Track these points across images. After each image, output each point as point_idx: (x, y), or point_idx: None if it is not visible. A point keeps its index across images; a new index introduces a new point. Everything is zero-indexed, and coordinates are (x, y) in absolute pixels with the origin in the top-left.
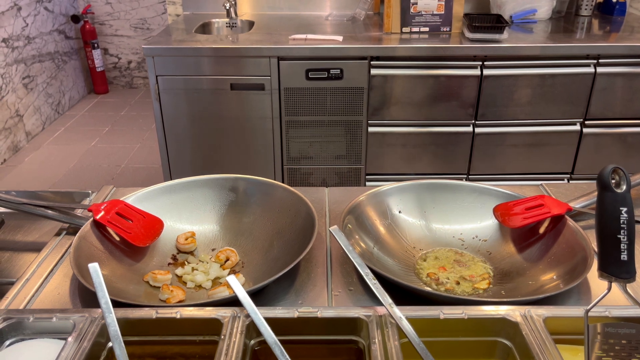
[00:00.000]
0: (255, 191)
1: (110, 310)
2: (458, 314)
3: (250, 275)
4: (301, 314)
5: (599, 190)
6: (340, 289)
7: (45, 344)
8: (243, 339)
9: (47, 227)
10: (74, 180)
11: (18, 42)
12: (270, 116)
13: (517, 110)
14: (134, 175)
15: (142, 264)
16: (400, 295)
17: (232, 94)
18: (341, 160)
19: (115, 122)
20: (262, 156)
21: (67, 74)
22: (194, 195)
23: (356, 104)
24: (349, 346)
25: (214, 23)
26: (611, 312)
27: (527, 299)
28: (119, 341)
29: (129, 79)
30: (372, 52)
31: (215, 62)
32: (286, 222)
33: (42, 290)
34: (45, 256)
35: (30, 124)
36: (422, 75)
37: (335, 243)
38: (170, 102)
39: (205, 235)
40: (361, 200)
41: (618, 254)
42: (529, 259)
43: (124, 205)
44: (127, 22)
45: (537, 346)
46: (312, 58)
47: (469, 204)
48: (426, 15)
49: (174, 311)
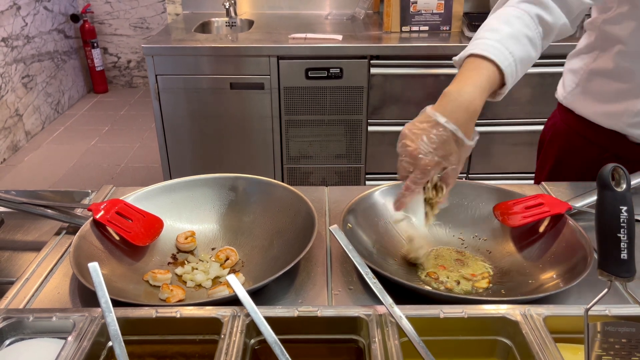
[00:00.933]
0: (255, 190)
1: (110, 309)
2: (458, 313)
3: (250, 274)
4: (301, 313)
5: (598, 189)
6: (340, 288)
7: (45, 343)
8: (243, 338)
9: (47, 226)
10: (74, 179)
11: (17, 41)
12: (270, 115)
13: (517, 109)
14: (133, 174)
15: (142, 263)
16: (400, 294)
17: (231, 93)
18: (341, 160)
19: (114, 122)
20: (261, 155)
21: (66, 74)
22: (194, 194)
23: (356, 103)
24: (349, 345)
25: (213, 22)
26: (611, 311)
27: (527, 298)
28: (119, 340)
29: (129, 78)
30: (371, 51)
31: (215, 61)
32: (286, 222)
33: (41, 289)
34: (45, 256)
35: (29, 124)
36: (421, 75)
37: (335, 242)
38: (169, 102)
39: (205, 235)
40: (361, 199)
41: (618, 252)
42: (529, 258)
43: (123, 205)
44: (126, 21)
45: (537, 345)
46: (311, 57)
47: (469, 203)
48: (426, 14)
49: (174, 310)
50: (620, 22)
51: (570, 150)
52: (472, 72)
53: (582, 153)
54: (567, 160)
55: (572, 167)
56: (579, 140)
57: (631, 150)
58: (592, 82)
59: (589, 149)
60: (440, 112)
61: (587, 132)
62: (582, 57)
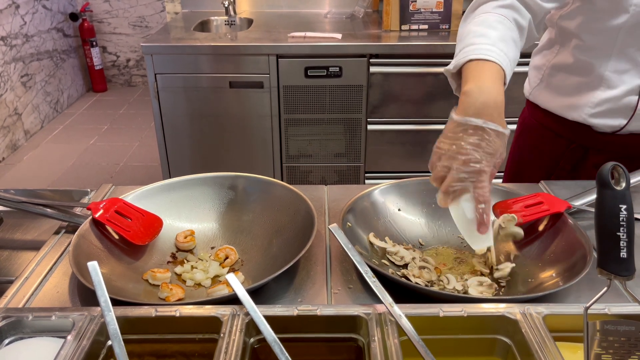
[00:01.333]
0: (255, 189)
1: (110, 308)
2: (457, 312)
3: (249, 273)
4: (300, 312)
5: (598, 188)
6: (339, 287)
7: (45, 342)
8: (242, 337)
9: (46, 225)
10: (73, 178)
11: (16, 40)
12: (269, 114)
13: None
14: (132, 173)
15: (142, 262)
16: (400, 293)
17: (231, 92)
18: (340, 158)
19: (114, 121)
20: (261, 154)
21: (65, 72)
22: (193, 193)
23: (355, 102)
24: (348, 344)
25: (212, 21)
26: (610, 310)
27: (526, 297)
28: (119, 339)
29: (128, 77)
30: (371, 49)
31: (214, 60)
32: (285, 220)
33: (41, 288)
34: (44, 255)
35: (28, 123)
36: (421, 73)
37: (335, 241)
38: (169, 100)
39: (204, 234)
40: (360, 198)
41: (617, 251)
42: (528, 256)
43: (123, 204)
44: (125, 20)
45: (536, 344)
46: (311, 56)
47: None
48: (425, 13)
49: (174, 309)
50: (574, 17)
51: (540, 144)
52: (481, 72)
53: (551, 146)
54: (537, 154)
55: (541, 160)
56: (547, 133)
57: (596, 140)
58: (555, 77)
59: (557, 141)
60: (470, 114)
61: (553, 125)
62: (544, 54)
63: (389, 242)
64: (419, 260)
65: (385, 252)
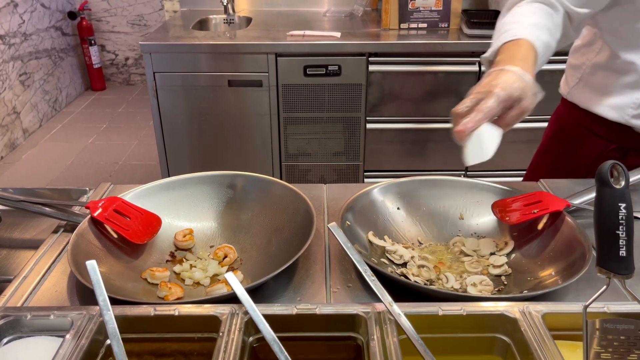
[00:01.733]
0: (253, 188)
1: (108, 307)
2: (457, 310)
3: (248, 272)
4: (300, 310)
5: (597, 186)
6: (338, 286)
7: (43, 341)
8: (241, 336)
9: (45, 224)
10: (72, 177)
11: (14, 38)
12: (268, 113)
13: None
14: (131, 172)
15: (140, 261)
16: (399, 291)
17: (229, 91)
18: (339, 157)
19: (112, 119)
20: (260, 153)
21: (64, 71)
22: (192, 192)
23: (354, 101)
24: (347, 343)
25: (211, 19)
26: (610, 308)
27: (525, 295)
28: (117, 339)
29: (126, 75)
30: (370, 48)
31: (213, 58)
32: (284, 219)
33: (39, 287)
34: (42, 254)
35: (27, 121)
36: (420, 72)
37: (334, 240)
38: (167, 99)
39: (203, 232)
40: (359, 196)
41: (617, 250)
42: (527, 255)
43: (121, 203)
44: (124, 18)
45: (535, 342)
46: (310, 54)
47: (467, 201)
48: (424, 12)
49: (172, 308)
50: (617, 16)
51: (577, 144)
52: (513, 51)
53: (589, 146)
54: (572, 154)
55: (578, 161)
56: (585, 133)
57: (637, 141)
58: (595, 75)
59: (595, 141)
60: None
61: (592, 125)
62: (582, 52)
63: (388, 241)
64: (418, 258)
65: (385, 250)
